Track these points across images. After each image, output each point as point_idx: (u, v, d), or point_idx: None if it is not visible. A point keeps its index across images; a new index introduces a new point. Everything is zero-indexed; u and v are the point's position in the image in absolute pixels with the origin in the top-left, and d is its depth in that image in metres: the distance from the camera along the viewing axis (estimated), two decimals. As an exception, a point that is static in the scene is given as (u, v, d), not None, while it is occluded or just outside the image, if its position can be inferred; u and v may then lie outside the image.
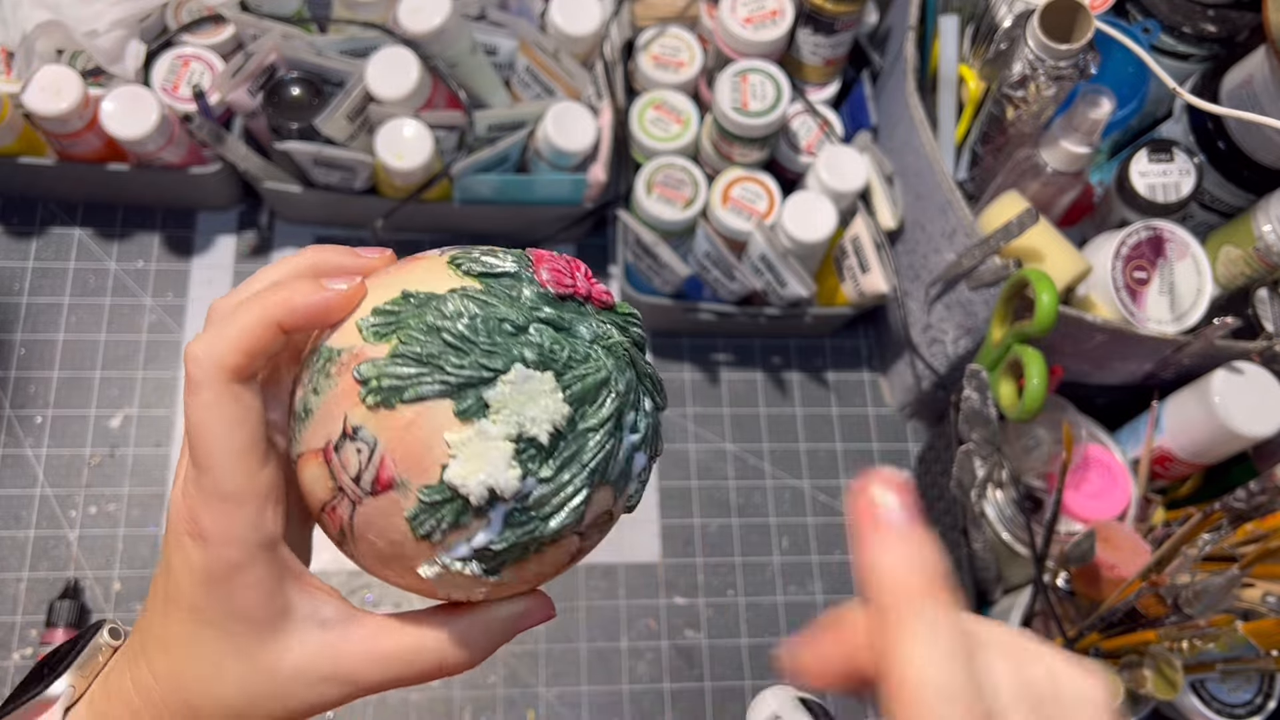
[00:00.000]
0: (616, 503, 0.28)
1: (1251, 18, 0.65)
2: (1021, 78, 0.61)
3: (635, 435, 0.28)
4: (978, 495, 0.65)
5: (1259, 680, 0.62)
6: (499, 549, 0.27)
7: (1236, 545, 0.56)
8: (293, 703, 0.28)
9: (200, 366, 0.27)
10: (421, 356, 0.26)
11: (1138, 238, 0.64)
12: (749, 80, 0.70)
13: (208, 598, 0.27)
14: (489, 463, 0.25)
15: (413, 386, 0.26)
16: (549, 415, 0.26)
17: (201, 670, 0.28)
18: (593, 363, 0.27)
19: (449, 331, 0.26)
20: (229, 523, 0.27)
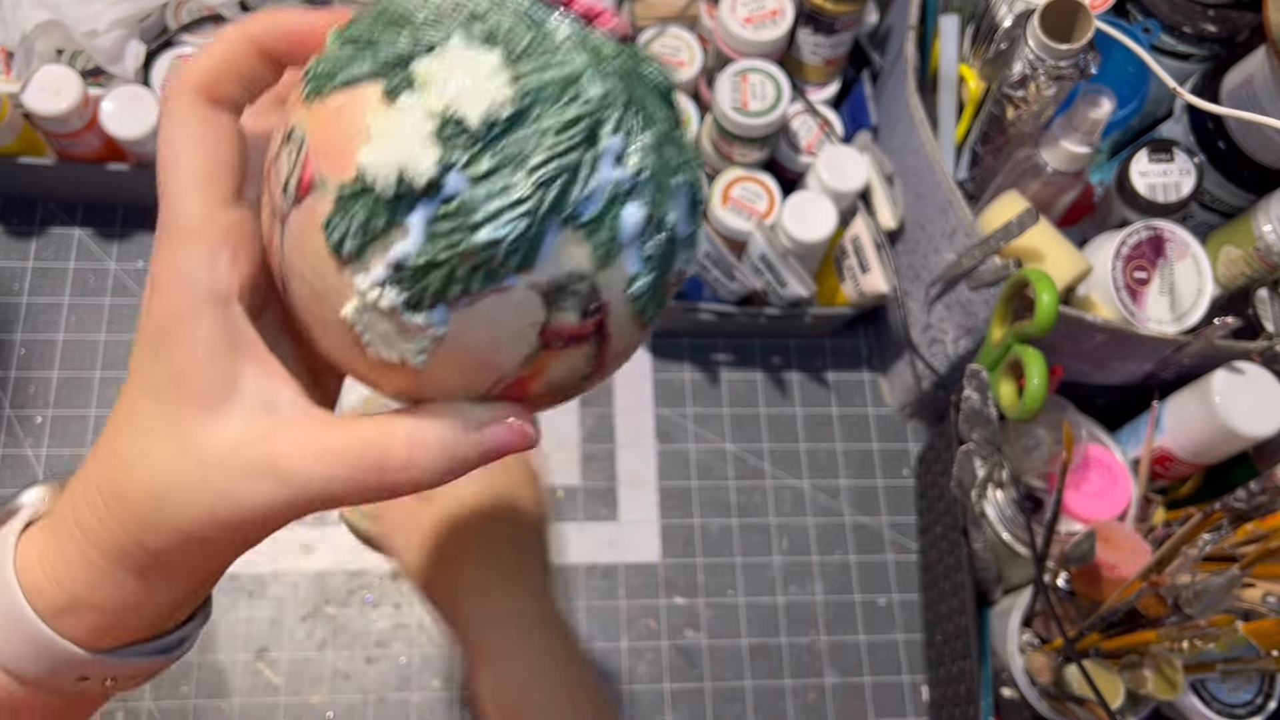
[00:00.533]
0: (599, 271, 0.22)
1: (1252, 17, 0.65)
2: (1022, 77, 0.61)
3: (621, 171, 0.22)
4: (978, 495, 0.65)
5: (1259, 680, 0.62)
6: (418, 265, 0.22)
7: (1237, 545, 0.56)
8: (217, 495, 0.24)
9: (172, 87, 0.24)
10: (360, 38, 0.23)
11: (1138, 238, 0.64)
12: (749, 80, 0.70)
13: (149, 357, 0.24)
14: (401, 143, 0.21)
15: (345, 69, 0.22)
16: (485, 95, 0.21)
17: (130, 447, 0.24)
18: (560, 56, 0.22)
19: (397, 8, 0.23)
20: (178, 263, 0.24)
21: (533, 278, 0.22)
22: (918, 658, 0.74)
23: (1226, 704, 0.61)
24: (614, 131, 0.22)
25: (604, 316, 0.23)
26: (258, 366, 0.24)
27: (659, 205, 0.23)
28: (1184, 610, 0.54)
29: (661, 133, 0.23)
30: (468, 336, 0.23)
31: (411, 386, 0.24)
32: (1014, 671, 0.63)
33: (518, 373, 0.24)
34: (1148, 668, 0.57)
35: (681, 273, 0.25)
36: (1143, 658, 0.57)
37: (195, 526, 0.24)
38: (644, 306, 0.24)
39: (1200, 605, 0.53)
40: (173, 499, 0.24)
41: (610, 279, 0.23)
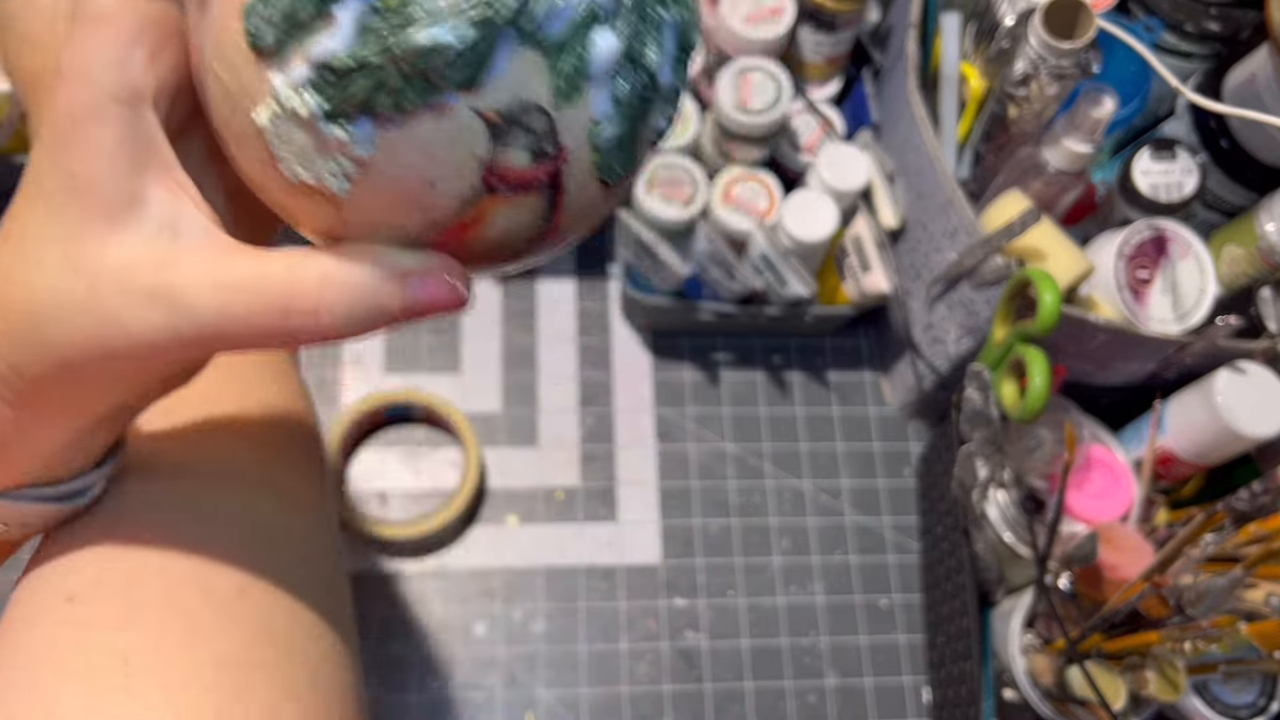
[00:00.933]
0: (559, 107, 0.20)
1: (1254, 16, 0.65)
2: (1024, 76, 0.61)
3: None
4: (979, 496, 0.65)
5: (1262, 682, 0.62)
6: (345, 65, 0.19)
7: (1239, 546, 0.56)
8: (102, 317, 0.21)
9: None
10: None
11: (1140, 237, 0.64)
12: (750, 78, 0.70)
13: (47, 160, 0.21)
14: None
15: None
16: None
17: (11, 258, 0.22)
18: None
19: None
20: (84, 48, 0.21)
21: (478, 100, 0.19)
22: (919, 659, 0.73)
23: (1229, 705, 0.61)
24: None
25: (560, 163, 0.20)
26: (166, 183, 0.22)
27: (640, 39, 0.20)
28: (1186, 611, 0.54)
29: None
30: (397, 163, 0.20)
31: (331, 222, 0.21)
32: (1016, 673, 0.63)
33: (455, 217, 0.21)
34: (1150, 669, 0.56)
35: (659, 132, 0.22)
36: (1145, 659, 0.57)
37: (75, 351, 0.22)
38: (609, 161, 0.21)
39: (1203, 606, 0.53)
40: (54, 317, 0.21)
41: (571, 118, 0.20)
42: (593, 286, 0.81)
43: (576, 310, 0.80)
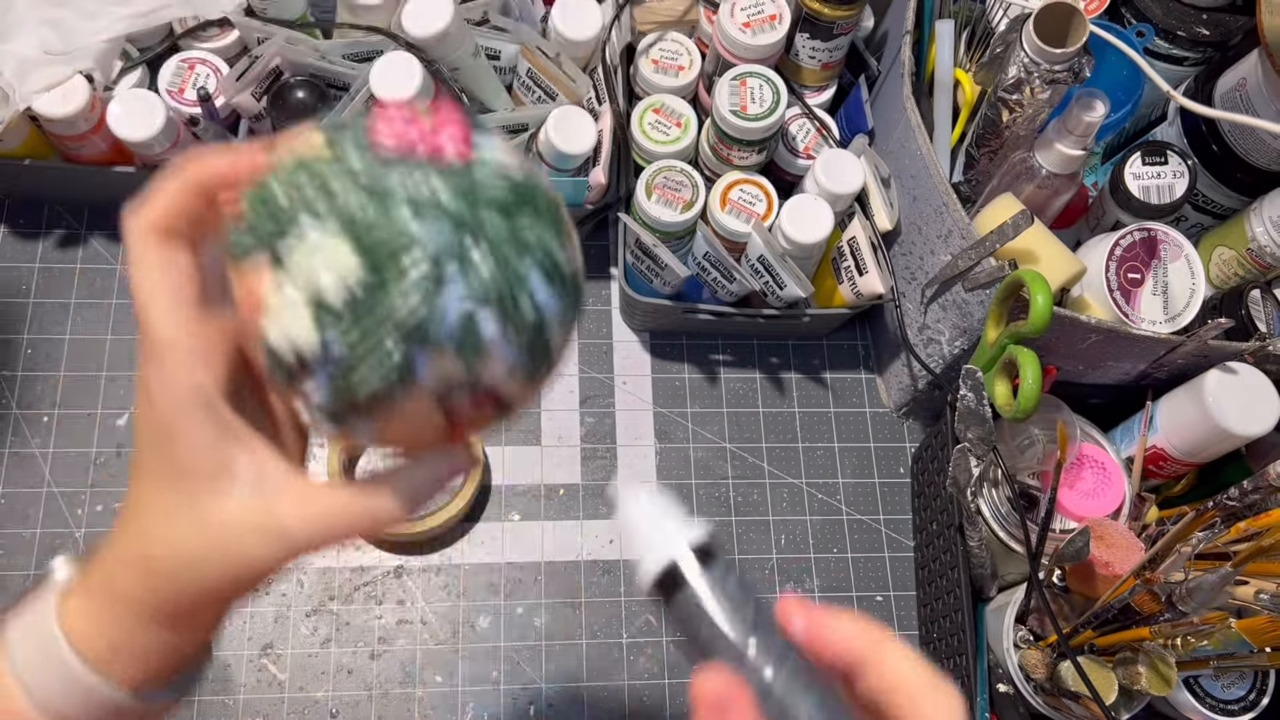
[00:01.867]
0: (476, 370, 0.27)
1: (1245, 21, 0.66)
2: (1017, 81, 0.62)
3: (465, 300, 0.26)
4: (973, 494, 0.66)
5: (1252, 677, 0.62)
6: (329, 408, 0.28)
7: (1230, 543, 0.56)
8: (230, 555, 0.29)
9: (129, 229, 0.29)
10: (250, 222, 0.27)
11: (1131, 239, 0.64)
12: (747, 84, 0.71)
13: (153, 455, 0.29)
14: (287, 323, 0.27)
15: (239, 247, 0.28)
16: (338, 278, 0.26)
17: (154, 522, 0.29)
18: (397, 224, 0.26)
19: (268, 198, 0.27)
20: (164, 376, 0.28)
21: (418, 396, 0.27)
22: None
23: (1220, 700, 0.61)
24: (452, 264, 0.26)
25: (495, 393, 0.28)
26: (246, 447, 0.30)
27: (512, 300, 0.27)
28: (1177, 607, 0.55)
29: (500, 239, 0.27)
30: (391, 431, 0.28)
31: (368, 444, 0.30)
32: (1009, 667, 0.63)
33: (445, 434, 0.29)
34: (1141, 664, 0.57)
35: (569, 322, 0.29)
36: (1136, 654, 0.57)
37: (215, 583, 0.30)
38: (529, 371, 0.28)
39: (1193, 602, 0.54)
40: (197, 565, 0.29)
41: (488, 368, 0.27)
42: (593, 288, 0.82)
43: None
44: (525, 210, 0.28)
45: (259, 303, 0.27)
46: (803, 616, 0.27)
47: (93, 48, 0.69)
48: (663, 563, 0.26)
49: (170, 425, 0.29)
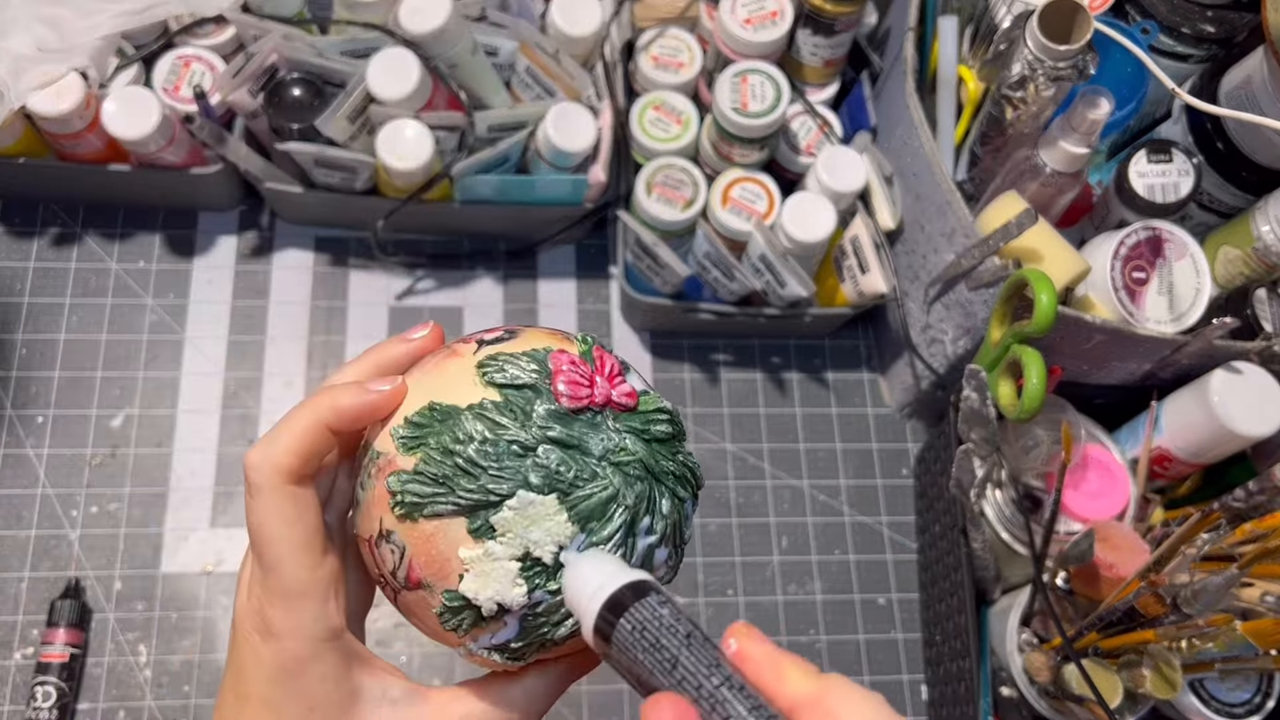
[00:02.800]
0: None
1: (1250, 18, 0.65)
2: (1020, 78, 0.61)
3: (651, 537, 0.29)
4: (977, 495, 0.66)
5: (1258, 679, 0.62)
6: (516, 647, 0.29)
7: (1235, 545, 0.56)
8: None
9: (259, 472, 0.29)
10: (438, 477, 0.28)
11: (1136, 238, 0.64)
12: (749, 81, 0.70)
13: (280, 691, 0.29)
14: (496, 581, 0.28)
15: (430, 504, 0.28)
16: (552, 536, 0.28)
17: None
18: (599, 481, 0.29)
19: (461, 456, 0.28)
20: (296, 618, 0.29)
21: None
22: (917, 657, 0.74)
23: (1225, 703, 0.61)
24: (647, 515, 0.29)
25: None
26: (371, 671, 0.30)
27: (677, 536, 0.31)
28: (1182, 609, 0.54)
29: (671, 484, 0.30)
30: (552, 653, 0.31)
31: None
32: (1013, 670, 0.63)
33: None
34: (1146, 667, 0.57)
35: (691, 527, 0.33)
36: (1141, 657, 0.57)
37: None
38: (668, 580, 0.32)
39: (1199, 604, 0.53)
40: None
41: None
42: (593, 287, 0.82)
43: (577, 311, 0.81)
44: (680, 439, 0.31)
45: (444, 559, 0.28)
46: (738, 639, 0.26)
47: (88, 45, 0.68)
48: (602, 600, 0.26)
49: (300, 664, 0.29)
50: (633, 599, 0.26)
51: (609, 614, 0.26)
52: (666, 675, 0.25)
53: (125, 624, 0.68)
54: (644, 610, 0.26)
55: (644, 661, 0.25)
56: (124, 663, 0.67)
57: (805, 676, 0.25)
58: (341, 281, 0.79)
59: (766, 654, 0.25)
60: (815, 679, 0.25)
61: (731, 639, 0.26)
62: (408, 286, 0.80)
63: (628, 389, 0.30)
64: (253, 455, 0.29)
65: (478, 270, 0.81)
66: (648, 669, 0.25)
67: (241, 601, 0.30)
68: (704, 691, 0.24)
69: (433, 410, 0.29)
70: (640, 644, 0.25)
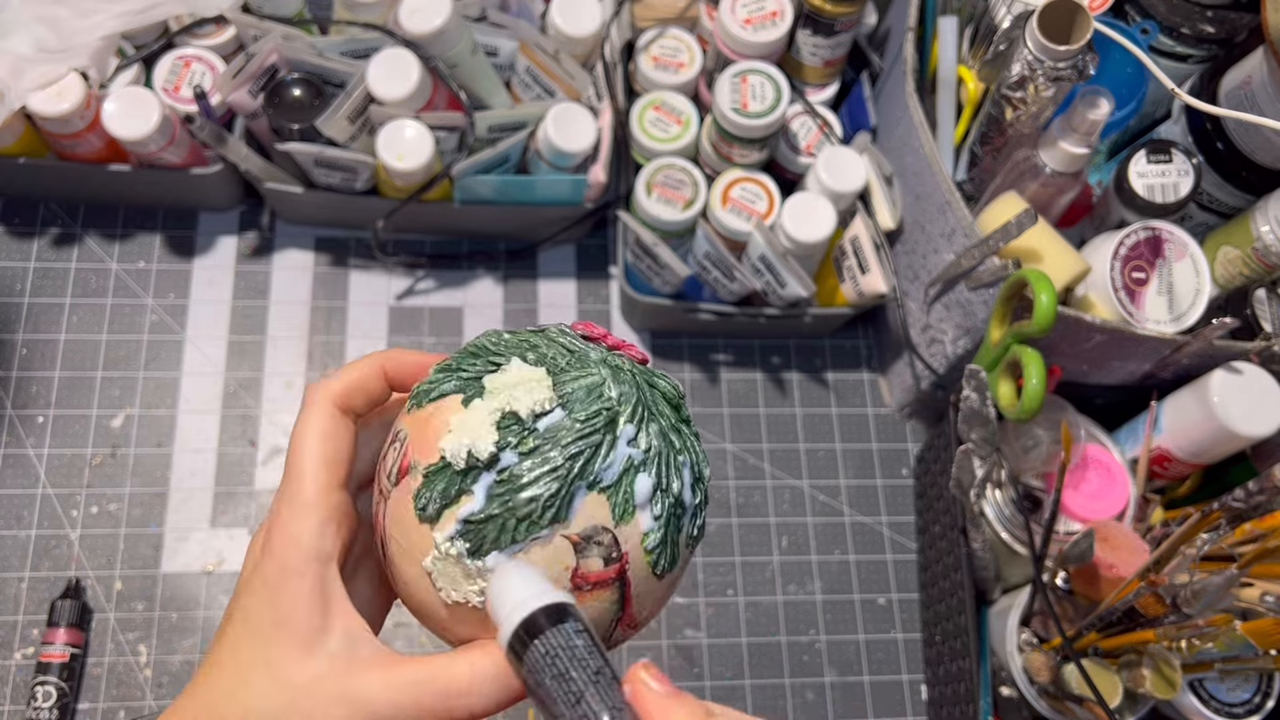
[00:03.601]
0: (618, 527, 0.29)
1: (1250, 19, 0.65)
2: (1020, 78, 0.61)
3: (634, 450, 0.29)
4: (977, 495, 0.66)
5: (1257, 679, 0.62)
6: (480, 519, 0.28)
7: (1235, 545, 0.56)
8: (303, 718, 0.29)
9: (314, 392, 0.32)
10: (451, 366, 0.31)
11: (1136, 238, 0.64)
12: (748, 81, 0.70)
13: (255, 600, 0.30)
14: (470, 431, 0.29)
15: (437, 387, 0.31)
16: (532, 397, 0.29)
17: (228, 680, 0.29)
18: (589, 371, 0.30)
19: (475, 345, 0.31)
20: (294, 526, 0.30)
21: (565, 530, 0.28)
22: (917, 657, 0.74)
23: (1225, 703, 0.61)
24: (628, 421, 0.29)
25: (624, 564, 0.29)
26: (345, 616, 0.30)
27: (665, 477, 0.30)
28: (1182, 609, 0.54)
29: (668, 424, 0.30)
30: None
31: (475, 629, 0.30)
32: (1012, 670, 0.63)
33: None
34: (1146, 667, 0.57)
35: (693, 537, 0.31)
36: (1141, 657, 0.57)
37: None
38: (657, 559, 0.30)
39: (1198, 605, 0.53)
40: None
41: (627, 533, 0.29)
42: (593, 287, 0.82)
43: (577, 311, 0.81)
44: (686, 419, 0.32)
45: (436, 434, 0.29)
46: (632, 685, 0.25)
47: (88, 45, 0.68)
48: (520, 617, 0.26)
49: (282, 574, 0.29)
50: (549, 623, 0.26)
51: (524, 633, 0.26)
52: (570, 708, 0.25)
53: (125, 624, 0.68)
54: (559, 637, 0.25)
55: (550, 689, 0.25)
56: (124, 663, 0.67)
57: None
58: (341, 281, 0.79)
59: (656, 700, 0.25)
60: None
61: (626, 685, 0.25)
62: (408, 287, 0.80)
63: (640, 351, 0.32)
64: (313, 384, 0.32)
65: (478, 270, 0.81)
66: (553, 697, 0.25)
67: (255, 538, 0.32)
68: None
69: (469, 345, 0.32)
70: (550, 670, 0.25)
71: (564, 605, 0.26)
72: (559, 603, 0.26)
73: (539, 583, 0.27)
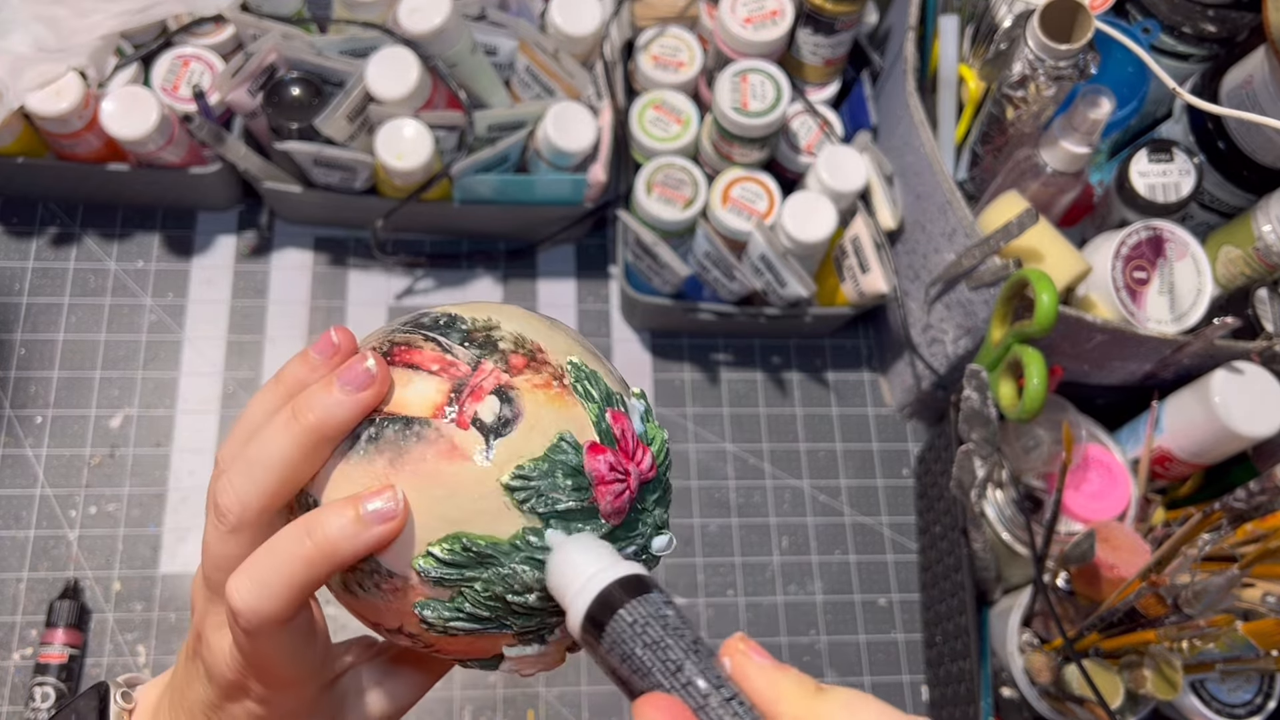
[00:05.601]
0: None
1: (1251, 18, 0.65)
2: (1021, 78, 0.61)
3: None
4: (977, 495, 0.65)
5: (1259, 680, 0.62)
6: None
7: (1236, 545, 0.56)
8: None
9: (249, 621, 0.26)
10: (488, 617, 0.27)
11: (1137, 238, 0.64)
12: (749, 80, 0.70)
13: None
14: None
15: (480, 630, 0.27)
16: None
17: None
18: None
19: (520, 606, 0.27)
20: (287, 697, 0.29)
21: None
22: (917, 657, 0.74)
23: (1226, 704, 0.61)
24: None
25: None
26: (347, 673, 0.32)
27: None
28: (1183, 610, 0.54)
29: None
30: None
31: None
32: (1014, 671, 0.63)
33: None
34: (1147, 667, 0.57)
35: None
36: (1142, 657, 0.57)
37: None
38: None
39: (1200, 605, 0.53)
40: None
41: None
42: (593, 287, 0.81)
43: (577, 310, 0.80)
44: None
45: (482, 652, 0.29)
46: (733, 657, 0.24)
47: (87, 44, 0.68)
48: (595, 593, 0.25)
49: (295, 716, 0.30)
50: (633, 593, 0.25)
51: (607, 603, 0.25)
52: (669, 678, 0.24)
53: (124, 624, 0.68)
54: (647, 606, 0.24)
55: (643, 659, 0.24)
56: (123, 663, 0.67)
57: (803, 695, 0.23)
58: (341, 281, 0.79)
59: (761, 672, 0.24)
60: (812, 697, 0.23)
61: (726, 658, 0.24)
62: (407, 286, 0.80)
63: (649, 462, 0.29)
64: (240, 599, 0.26)
65: (477, 270, 0.81)
66: (646, 667, 0.24)
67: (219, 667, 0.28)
68: (710, 707, 0.23)
69: (465, 549, 0.26)
70: (642, 639, 0.24)
71: (644, 576, 0.25)
72: (638, 574, 0.25)
73: (609, 554, 0.26)
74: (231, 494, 0.26)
